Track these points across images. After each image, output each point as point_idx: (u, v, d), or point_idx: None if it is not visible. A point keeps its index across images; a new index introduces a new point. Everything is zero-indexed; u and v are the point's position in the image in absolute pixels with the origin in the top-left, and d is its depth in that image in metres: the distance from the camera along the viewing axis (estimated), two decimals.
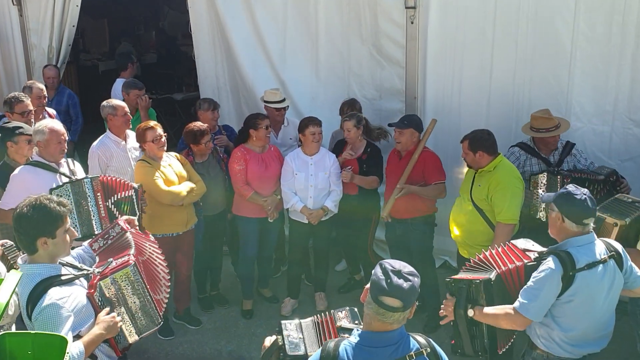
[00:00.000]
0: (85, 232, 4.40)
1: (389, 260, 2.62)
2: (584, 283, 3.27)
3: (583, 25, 5.17)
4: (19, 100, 5.68)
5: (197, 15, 6.88)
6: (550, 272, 3.25)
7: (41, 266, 3.05)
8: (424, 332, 3.19)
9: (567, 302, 3.31)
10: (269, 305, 6.05)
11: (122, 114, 5.46)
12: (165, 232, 5.17)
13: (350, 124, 5.50)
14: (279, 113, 6.07)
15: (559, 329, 3.36)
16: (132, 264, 3.25)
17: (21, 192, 3.96)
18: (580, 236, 3.33)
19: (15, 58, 8.39)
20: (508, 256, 3.53)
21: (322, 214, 5.55)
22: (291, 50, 6.51)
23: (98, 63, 12.99)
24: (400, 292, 2.50)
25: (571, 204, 3.32)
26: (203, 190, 5.31)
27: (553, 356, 3.42)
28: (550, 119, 5.07)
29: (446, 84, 5.84)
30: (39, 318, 2.92)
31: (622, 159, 5.31)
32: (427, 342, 2.66)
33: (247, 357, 5.26)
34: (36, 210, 3.00)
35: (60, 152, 4.62)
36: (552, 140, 5.10)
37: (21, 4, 7.97)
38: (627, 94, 5.19)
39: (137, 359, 5.15)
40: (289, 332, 3.12)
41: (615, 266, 3.37)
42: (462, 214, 4.94)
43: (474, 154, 4.72)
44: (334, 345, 2.62)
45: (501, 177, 4.66)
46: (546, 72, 5.41)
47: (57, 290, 2.99)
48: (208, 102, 6.01)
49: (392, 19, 5.87)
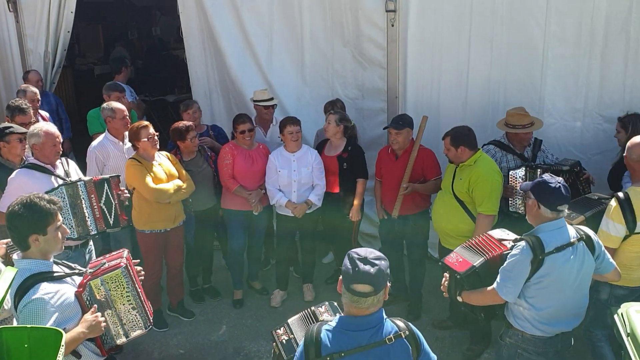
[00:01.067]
0: (81, 232, 4.39)
1: (355, 250, 2.66)
2: (553, 265, 3.32)
3: (555, 27, 5.22)
4: (21, 111, 5.55)
5: (188, 20, 6.86)
6: (520, 257, 3.33)
7: (32, 262, 3.04)
8: (407, 318, 3.23)
9: (537, 284, 3.36)
10: (259, 297, 6.06)
11: (121, 117, 5.48)
12: (154, 228, 5.19)
13: (332, 118, 5.51)
14: (267, 111, 6.09)
15: (532, 308, 3.42)
16: (123, 266, 3.22)
17: (18, 194, 3.90)
18: (551, 222, 3.39)
19: (12, 63, 8.32)
20: (487, 247, 3.56)
21: (306, 207, 5.56)
22: (277, 53, 6.51)
23: (93, 67, 12.93)
24: (368, 278, 2.53)
25: (546, 192, 3.37)
26: (192, 188, 5.31)
27: (527, 334, 3.48)
28: (526, 116, 5.12)
29: (425, 83, 5.88)
30: (24, 311, 2.91)
31: (592, 153, 5.37)
32: (405, 326, 2.69)
33: (238, 347, 5.27)
34: (27, 208, 3.00)
35: (55, 154, 4.57)
36: (526, 136, 5.15)
37: (17, 10, 7.89)
38: (596, 92, 5.25)
39: (132, 351, 5.17)
40: (281, 338, 3.19)
41: (585, 248, 3.43)
42: (444, 207, 4.97)
43: (456, 149, 4.76)
44: (316, 330, 2.66)
45: (481, 171, 4.71)
46: (520, 71, 5.45)
47: (45, 285, 2.98)
48: (184, 103, 6.09)
49: (373, 22, 5.89)
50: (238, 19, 6.51)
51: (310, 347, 2.61)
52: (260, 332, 5.42)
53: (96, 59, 13.51)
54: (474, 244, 3.63)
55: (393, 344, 2.60)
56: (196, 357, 5.17)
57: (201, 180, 5.54)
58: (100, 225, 4.45)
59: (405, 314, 5.46)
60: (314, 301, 5.84)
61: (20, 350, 2.72)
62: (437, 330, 5.31)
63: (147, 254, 5.30)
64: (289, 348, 3.15)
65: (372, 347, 2.57)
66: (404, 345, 2.63)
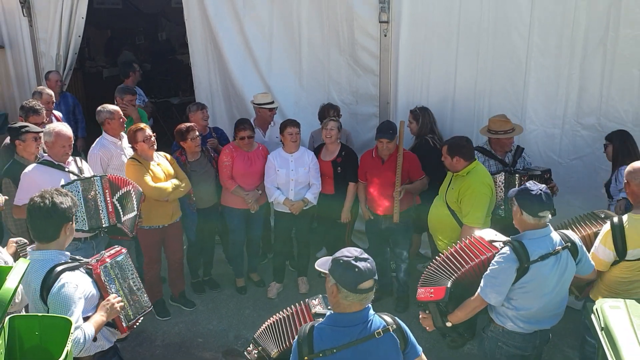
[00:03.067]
0: (92, 225, 4.37)
1: (339, 256, 2.56)
2: (537, 273, 3.31)
3: (537, 39, 5.21)
4: (35, 112, 5.49)
5: (192, 27, 6.86)
6: (505, 264, 3.29)
7: (52, 252, 3.01)
8: (394, 312, 3.22)
9: (520, 288, 3.35)
10: (257, 289, 6.05)
11: (119, 117, 5.43)
12: (152, 225, 5.17)
13: (334, 125, 5.53)
14: (271, 113, 6.09)
15: (512, 308, 3.42)
16: (125, 252, 3.31)
17: (33, 189, 3.88)
18: (536, 229, 3.36)
19: (25, 65, 8.31)
20: (477, 249, 3.52)
21: (302, 205, 5.55)
22: (277, 60, 6.50)
23: (102, 70, 12.86)
24: (371, 272, 2.53)
25: (527, 199, 3.35)
26: (189, 187, 5.30)
27: (507, 329, 3.48)
28: (507, 122, 5.12)
29: (415, 91, 5.87)
30: (56, 298, 2.87)
31: (570, 158, 5.37)
32: (393, 320, 2.69)
33: (237, 335, 5.26)
34: (63, 197, 3.02)
35: (63, 155, 4.54)
36: (507, 142, 5.14)
37: (31, 15, 7.88)
38: (575, 100, 5.24)
39: (136, 339, 5.14)
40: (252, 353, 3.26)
41: (569, 256, 3.41)
42: (437, 213, 4.91)
43: (452, 158, 4.67)
44: (308, 329, 2.64)
45: (471, 183, 4.60)
46: (504, 80, 5.45)
47: (70, 274, 2.96)
48: (196, 105, 6.03)
49: (367, 32, 5.88)
50: (240, 27, 6.51)
51: (303, 344, 2.60)
52: (257, 321, 5.33)
53: (105, 62, 13.44)
54: (461, 248, 3.57)
55: (382, 337, 2.59)
56: (197, 344, 5.16)
57: (204, 180, 5.54)
58: (112, 219, 4.42)
59: (392, 308, 5.46)
60: (308, 293, 5.85)
61: (31, 337, 2.71)
62: None
63: (147, 248, 5.32)
64: (260, 359, 3.21)
65: (362, 341, 2.56)
66: (392, 338, 2.63)
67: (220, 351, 5.03)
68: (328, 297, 2.63)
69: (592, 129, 5.24)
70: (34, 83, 8.05)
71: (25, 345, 2.71)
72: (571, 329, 4.89)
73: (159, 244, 5.36)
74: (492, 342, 3.57)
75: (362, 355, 2.55)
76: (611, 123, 5.13)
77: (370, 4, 5.76)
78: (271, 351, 3.15)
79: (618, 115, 5.11)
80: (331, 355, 2.53)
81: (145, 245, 5.32)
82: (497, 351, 3.56)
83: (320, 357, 2.54)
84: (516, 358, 3.56)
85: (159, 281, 5.56)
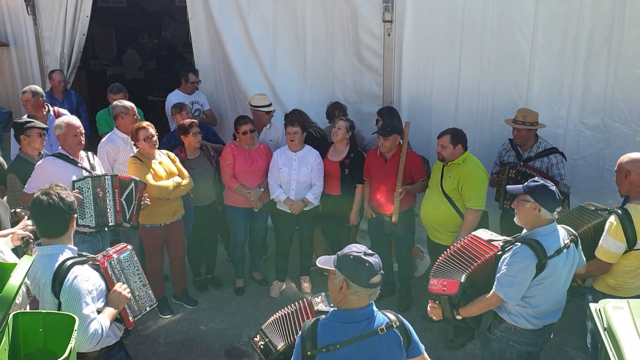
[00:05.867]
0: (99, 222, 4.46)
1: (349, 250, 2.58)
2: (554, 268, 3.32)
3: (541, 38, 5.21)
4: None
5: (197, 26, 6.87)
6: (525, 262, 3.28)
7: (62, 246, 3.04)
8: (397, 311, 3.22)
9: (537, 285, 3.35)
10: (259, 287, 6.05)
11: (133, 114, 5.48)
12: (155, 223, 5.18)
13: (343, 125, 5.49)
14: (268, 116, 6.06)
15: (527, 306, 3.41)
16: (131, 247, 3.34)
17: (45, 179, 4.02)
18: (547, 225, 3.36)
19: (30, 63, 8.33)
20: (478, 248, 3.51)
21: (302, 205, 5.54)
22: (281, 59, 6.50)
23: (106, 68, 12.88)
24: (379, 267, 2.56)
25: (548, 195, 3.33)
26: (191, 185, 5.30)
27: (520, 328, 3.47)
28: (531, 113, 5.07)
29: (419, 90, 5.86)
30: (69, 291, 2.88)
31: (574, 158, 5.36)
32: (396, 318, 2.69)
33: (239, 333, 5.27)
34: (65, 191, 3.07)
35: (77, 144, 4.59)
36: (524, 134, 5.07)
37: (35, 13, 7.90)
38: (579, 100, 5.24)
39: (139, 336, 5.16)
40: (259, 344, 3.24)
41: (574, 247, 3.45)
42: (432, 203, 4.96)
43: (454, 146, 4.79)
44: (312, 324, 2.64)
45: (470, 169, 4.77)
46: (507, 80, 5.44)
47: (80, 268, 2.98)
48: (177, 105, 6.09)
49: (371, 31, 5.88)
50: (244, 25, 6.51)
51: (307, 340, 2.59)
52: (259, 320, 5.39)
53: (108, 61, 13.46)
54: (460, 247, 3.56)
55: (385, 334, 2.59)
56: (199, 342, 5.16)
57: (203, 178, 5.54)
58: (119, 218, 4.51)
59: (395, 306, 5.46)
60: (310, 292, 5.85)
61: (35, 334, 2.71)
62: (426, 322, 5.31)
63: (149, 245, 5.33)
64: (266, 351, 3.19)
65: (365, 337, 2.56)
66: (396, 335, 2.63)
67: (222, 349, 5.04)
68: (333, 294, 2.63)
69: (596, 129, 5.23)
70: (38, 81, 8.06)
71: (29, 342, 2.71)
72: (572, 328, 4.90)
73: (161, 241, 5.36)
74: (502, 342, 3.55)
75: (365, 351, 2.55)
76: (615, 123, 5.13)
77: (374, 4, 5.76)
78: (278, 344, 3.14)
79: (622, 115, 5.11)
80: (334, 351, 2.53)
81: (148, 242, 5.33)
82: (507, 351, 3.54)
83: (324, 353, 2.54)
84: (524, 356, 3.57)
85: (162, 278, 5.55)
